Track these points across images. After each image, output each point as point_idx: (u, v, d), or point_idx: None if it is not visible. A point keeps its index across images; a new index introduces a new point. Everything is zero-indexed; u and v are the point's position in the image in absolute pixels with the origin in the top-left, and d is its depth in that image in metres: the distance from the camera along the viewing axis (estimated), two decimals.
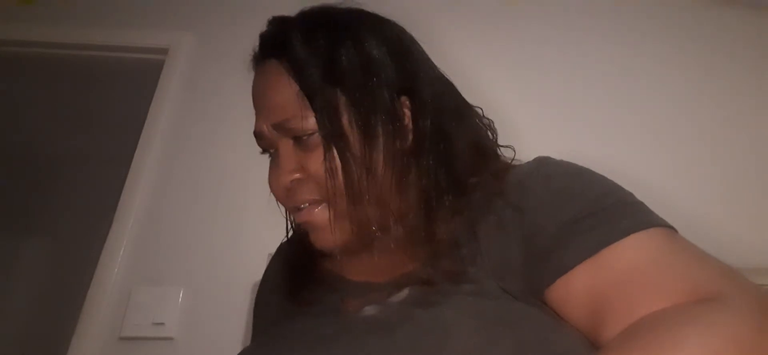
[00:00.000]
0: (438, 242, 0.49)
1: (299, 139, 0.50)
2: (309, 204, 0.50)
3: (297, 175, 0.50)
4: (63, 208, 2.37)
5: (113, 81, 1.63)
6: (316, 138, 0.49)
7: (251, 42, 0.55)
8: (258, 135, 0.53)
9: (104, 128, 1.98)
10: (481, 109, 0.59)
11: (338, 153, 0.48)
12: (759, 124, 1.33)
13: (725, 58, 1.44)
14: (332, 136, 0.48)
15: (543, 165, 0.50)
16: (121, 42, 1.48)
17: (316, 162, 0.49)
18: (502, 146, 0.58)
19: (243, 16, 1.49)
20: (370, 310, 0.48)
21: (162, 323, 1.06)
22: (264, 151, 0.54)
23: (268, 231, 1.17)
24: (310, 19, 0.53)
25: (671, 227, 0.42)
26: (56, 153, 2.25)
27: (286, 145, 0.51)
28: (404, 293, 0.48)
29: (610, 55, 1.46)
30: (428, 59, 0.58)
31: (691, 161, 1.28)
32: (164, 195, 1.24)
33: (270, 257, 1.09)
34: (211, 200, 1.23)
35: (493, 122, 0.59)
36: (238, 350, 0.49)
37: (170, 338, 1.06)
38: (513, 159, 0.55)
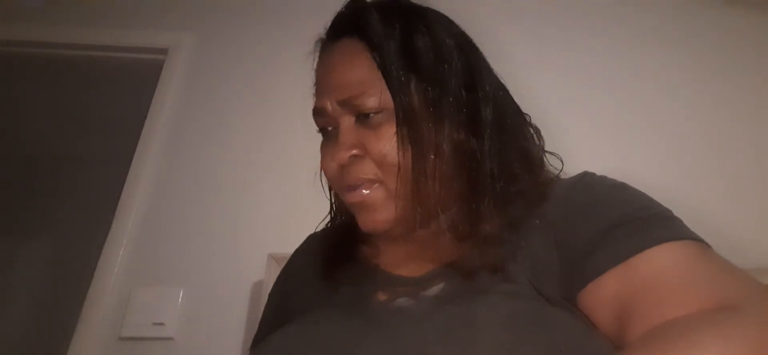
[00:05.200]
0: (482, 234, 0.49)
1: (363, 118, 0.50)
2: (363, 184, 0.51)
3: (355, 152, 0.51)
4: (63, 208, 2.37)
5: (113, 81, 1.64)
6: (380, 117, 0.50)
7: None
8: (319, 111, 0.53)
9: (104, 128, 1.98)
10: (529, 116, 0.60)
11: (408, 133, 0.48)
12: (761, 123, 1.33)
13: (727, 58, 1.44)
14: (405, 115, 0.49)
15: (586, 177, 0.52)
16: (121, 42, 1.48)
17: (377, 142, 0.49)
18: (548, 152, 0.59)
19: (242, 17, 1.49)
20: (402, 302, 0.48)
21: (162, 323, 1.06)
22: (320, 130, 0.55)
23: (268, 231, 1.19)
24: (384, 5, 0.55)
25: (705, 243, 0.42)
26: (56, 153, 2.24)
27: (348, 122, 0.51)
28: (438, 287, 0.48)
29: (610, 55, 1.46)
30: (487, 61, 0.59)
31: (692, 161, 1.27)
32: (164, 195, 1.24)
33: (270, 258, 1.09)
34: (211, 200, 1.23)
35: (540, 130, 0.60)
36: (238, 351, 0.49)
37: (170, 338, 1.06)
38: (560, 170, 0.57)
